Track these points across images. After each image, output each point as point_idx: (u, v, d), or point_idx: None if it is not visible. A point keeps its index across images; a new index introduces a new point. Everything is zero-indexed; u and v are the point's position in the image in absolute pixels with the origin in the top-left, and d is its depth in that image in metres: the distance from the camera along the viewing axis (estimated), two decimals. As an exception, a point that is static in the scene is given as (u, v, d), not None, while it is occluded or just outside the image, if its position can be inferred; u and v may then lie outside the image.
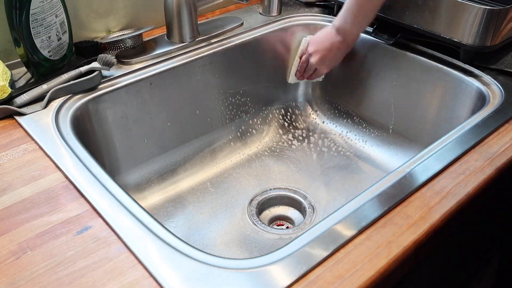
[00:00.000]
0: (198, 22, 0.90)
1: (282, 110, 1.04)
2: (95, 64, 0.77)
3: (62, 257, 0.48)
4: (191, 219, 0.83)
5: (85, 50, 0.82)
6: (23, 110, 0.70)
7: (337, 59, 0.88)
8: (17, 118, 0.69)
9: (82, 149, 0.63)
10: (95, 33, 0.88)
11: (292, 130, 1.03)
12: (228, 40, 0.91)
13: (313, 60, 0.88)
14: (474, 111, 0.77)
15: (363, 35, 0.93)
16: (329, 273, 0.46)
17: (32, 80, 0.76)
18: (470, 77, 0.80)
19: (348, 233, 0.50)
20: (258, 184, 0.90)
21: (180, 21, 0.86)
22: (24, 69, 0.78)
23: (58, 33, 0.75)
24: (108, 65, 0.78)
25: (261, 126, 1.01)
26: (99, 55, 0.78)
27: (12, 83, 0.72)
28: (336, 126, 1.01)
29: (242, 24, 0.96)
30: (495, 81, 0.78)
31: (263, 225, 0.83)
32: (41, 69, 0.75)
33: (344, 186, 0.90)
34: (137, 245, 0.49)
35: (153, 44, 0.87)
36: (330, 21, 0.98)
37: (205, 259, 0.48)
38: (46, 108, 0.71)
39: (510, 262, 0.92)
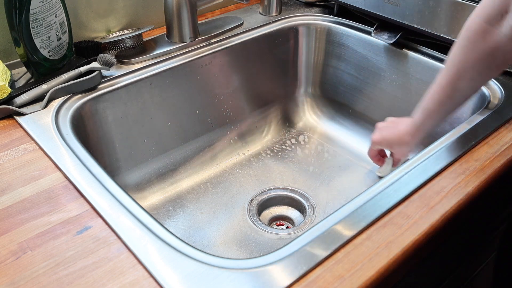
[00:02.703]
0: (198, 22, 0.90)
1: (282, 110, 1.04)
2: (95, 64, 0.77)
3: (62, 257, 0.48)
4: (191, 219, 0.83)
5: (85, 50, 0.82)
6: (23, 110, 0.70)
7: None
8: (17, 118, 0.69)
9: (82, 149, 0.63)
10: (95, 33, 0.88)
11: (292, 130, 1.03)
12: (228, 40, 0.91)
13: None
14: (474, 111, 0.76)
15: (363, 35, 0.93)
16: (329, 273, 0.46)
17: (32, 80, 0.76)
18: (470, 77, 0.80)
19: (348, 233, 0.50)
20: (258, 184, 0.90)
21: (180, 21, 0.86)
22: (24, 69, 0.78)
23: (58, 33, 0.75)
24: (108, 65, 0.78)
25: (261, 126, 1.01)
26: (99, 55, 0.78)
27: (12, 83, 0.72)
28: (336, 126, 1.01)
29: (242, 24, 0.96)
30: (495, 81, 0.78)
31: (263, 225, 0.83)
32: (41, 69, 0.75)
33: (344, 186, 0.90)
34: (137, 245, 0.49)
35: (153, 44, 0.87)
36: (330, 21, 0.99)
37: (205, 259, 0.48)
38: (46, 108, 0.71)
39: (508, 261, 0.92)
